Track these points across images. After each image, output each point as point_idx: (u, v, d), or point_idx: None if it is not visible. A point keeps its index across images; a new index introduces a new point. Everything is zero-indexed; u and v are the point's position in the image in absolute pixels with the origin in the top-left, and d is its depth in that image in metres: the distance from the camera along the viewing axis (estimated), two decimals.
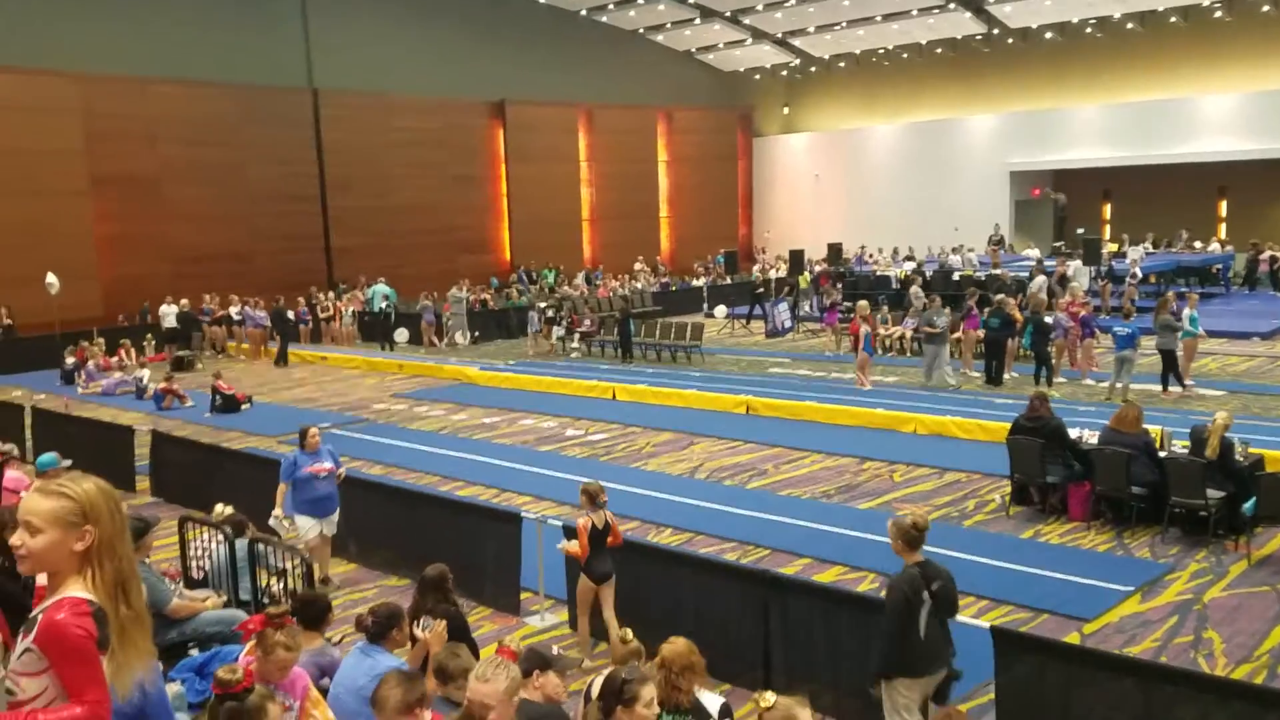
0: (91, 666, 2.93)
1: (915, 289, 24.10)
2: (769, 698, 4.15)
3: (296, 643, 4.77)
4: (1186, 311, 16.85)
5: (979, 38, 36.72)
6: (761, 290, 28.62)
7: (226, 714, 3.55)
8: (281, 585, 7.43)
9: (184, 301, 26.12)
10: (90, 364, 22.25)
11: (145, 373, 20.73)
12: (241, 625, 5.09)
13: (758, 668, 7.15)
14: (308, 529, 9.18)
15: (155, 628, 3.53)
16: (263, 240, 30.32)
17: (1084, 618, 8.16)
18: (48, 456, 9.08)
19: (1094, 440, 10.79)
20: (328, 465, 9.28)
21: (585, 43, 38.05)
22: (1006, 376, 18.13)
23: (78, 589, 2.95)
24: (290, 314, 25.65)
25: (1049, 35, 35.47)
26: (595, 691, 4.66)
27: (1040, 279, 22.72)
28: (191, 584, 7.82)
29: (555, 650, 6.01)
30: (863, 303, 19.95)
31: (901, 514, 5.97)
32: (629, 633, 5.35)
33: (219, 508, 8.15)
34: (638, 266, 35.75)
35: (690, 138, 40.91)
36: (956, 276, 26.70)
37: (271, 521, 9.22)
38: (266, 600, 7.20)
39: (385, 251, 32.52)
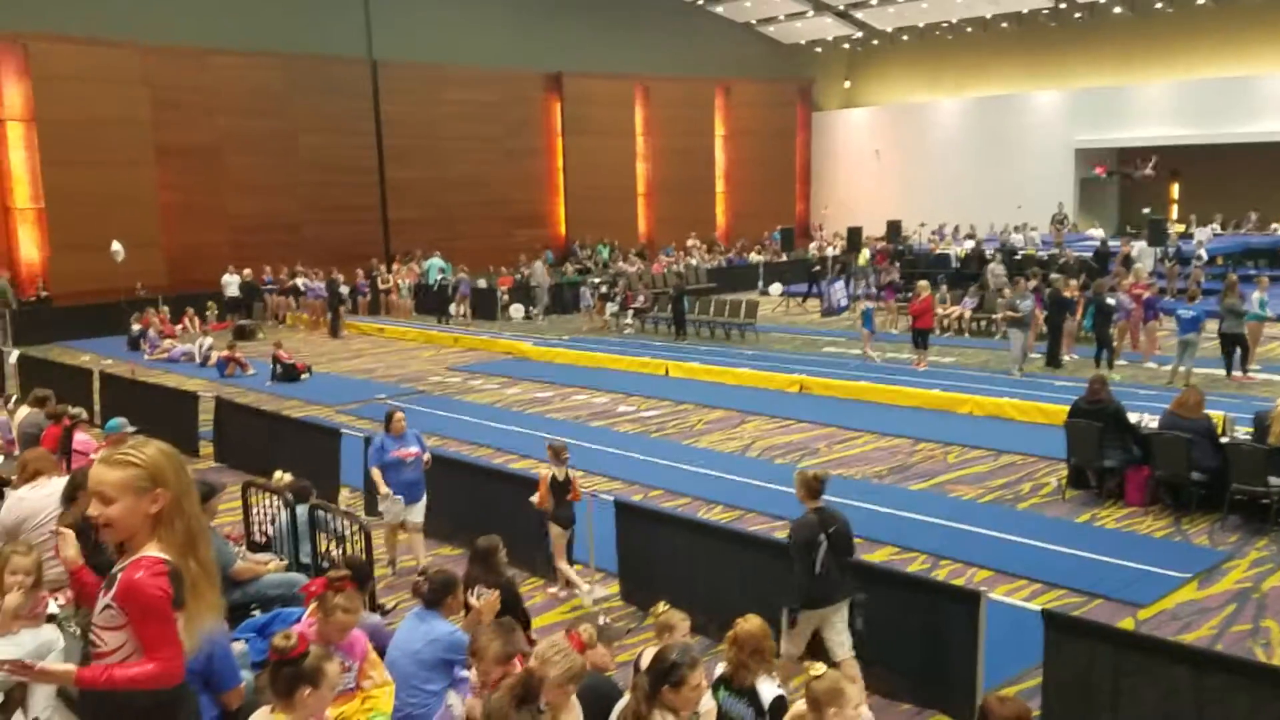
0: (166, 625, 3.06)
1: (995, 266, 23.76)
2: (818, 667, 4.20)
3: (355, 605, 4.91)
4: (1255, 295, 16.46)
5: (1045, 12, 35.90)
6: (818, 268, 28.49)
7: (286, 678, 3.66)
8: (340, 551, 7.60)
9: (246, 272, 26.59)
10: (152, 331, 22.78)
11: (209, 340, 21.17)
12: (304, 588, 5.24)
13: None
14: (394, 511, 8.95)
15: (220, 587, 3.65)
16: (319, 211, 30.72)
17: (1139, 603, 8.08)
18: (115, 421, 9.36)
19: (1154, 424, 10.62)
20: (414, 449, 8.98)
21: (643, 14, 37.85)
22: (1066, 358, 17.87)
23: (153, 549, 3.08)
24: (344, 286, 25.97)
25: (1117, 10, 34.59)
26: (644, 663, 4.74)
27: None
28: (254, 548, 8.03)
29: (604, 620, 6.11)
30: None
31: (804, 466, 6.93)
32: (662, 605, 5.43)
33: (278, 474, 8.34)
34: (690, 243, 35.67)
35: (748, 111, 40.56)
36: (1019, 255, 26.32)
37: (383, 505, 8.95)
38: (326, 565, 7.38)
39: (441, 224, 32.82)
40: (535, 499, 8.54)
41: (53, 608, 5.51)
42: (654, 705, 4.22)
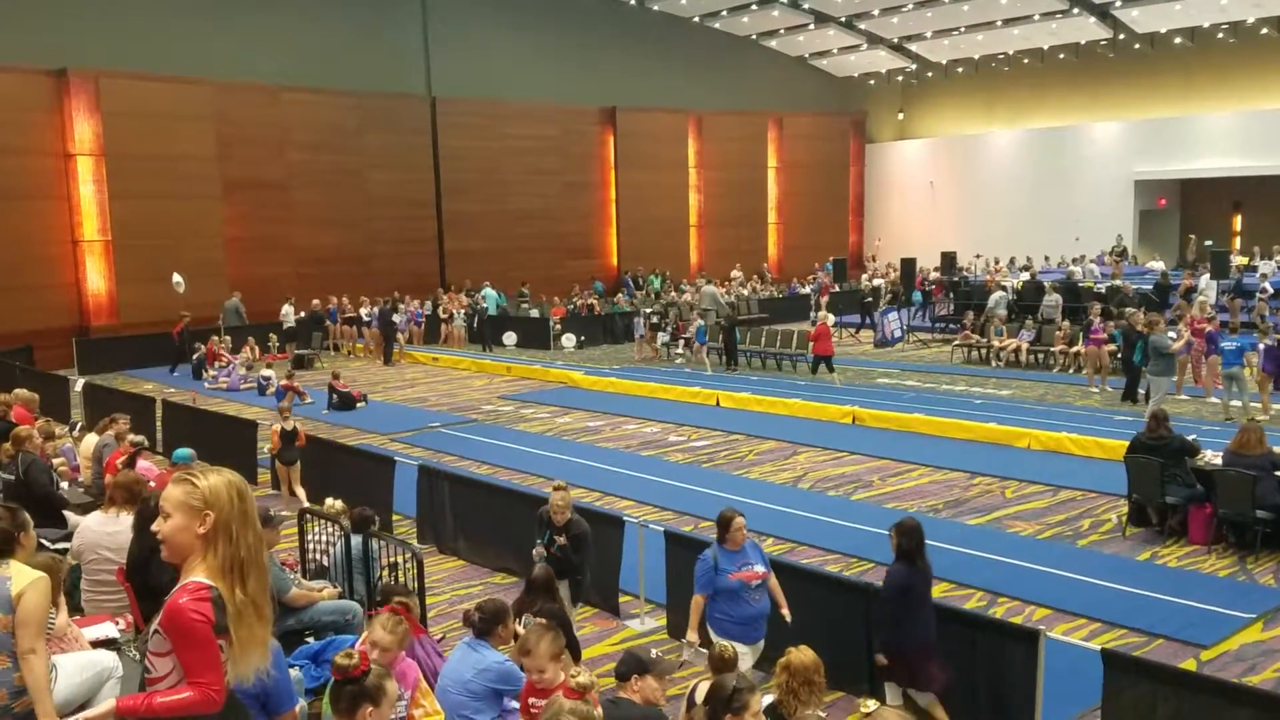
0: (206, 651, 3.09)
1: (1049, 298, 23.44)
2: (870, 704, 4.15)
3: (397, 631, 4.96)
4: None
5: (1104, 43, 35.56)
6: (869, 299, 28.37)
7: (349, 696, 3.71)
8: (393, 579, 7.67)
9: (315, 302, 27.10)
10: (233, 360, 23.25)
11: (271, 371, 21.54)
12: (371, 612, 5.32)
13: (863, 681, 7.10)
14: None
15: (275, 615, 3.71)
16: (380, 243, 31.27)
17: (1202, 644, 7.87)
18: (184, 451, 9.56)
19: (1216, 460, 10.38)
20: (760, 569, 6.65)
21: (697, 49, 38.17)
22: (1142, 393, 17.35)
23: (200, 574, 3.13)
24: (395, 316, 26.32)
25: (1178, 40, 34.15)
26: (699, 697, 4.73)
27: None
28: (310, 575, 8.14)
29: (654, 654, 6.09)
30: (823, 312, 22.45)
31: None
32: (727, 647, 5.40)
33: (329, 501, 8.46)
34: (735, 274, 35.60)
35: (801, 144, 40.60)
36: (1078, 288, 25.97)
37: (686, 654, 6.79)
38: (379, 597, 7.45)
39: (496, 255, 33.21)
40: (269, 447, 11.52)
41: (113, 632, 5.64)
42: None
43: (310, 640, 6.26)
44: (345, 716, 3.73)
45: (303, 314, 26.74)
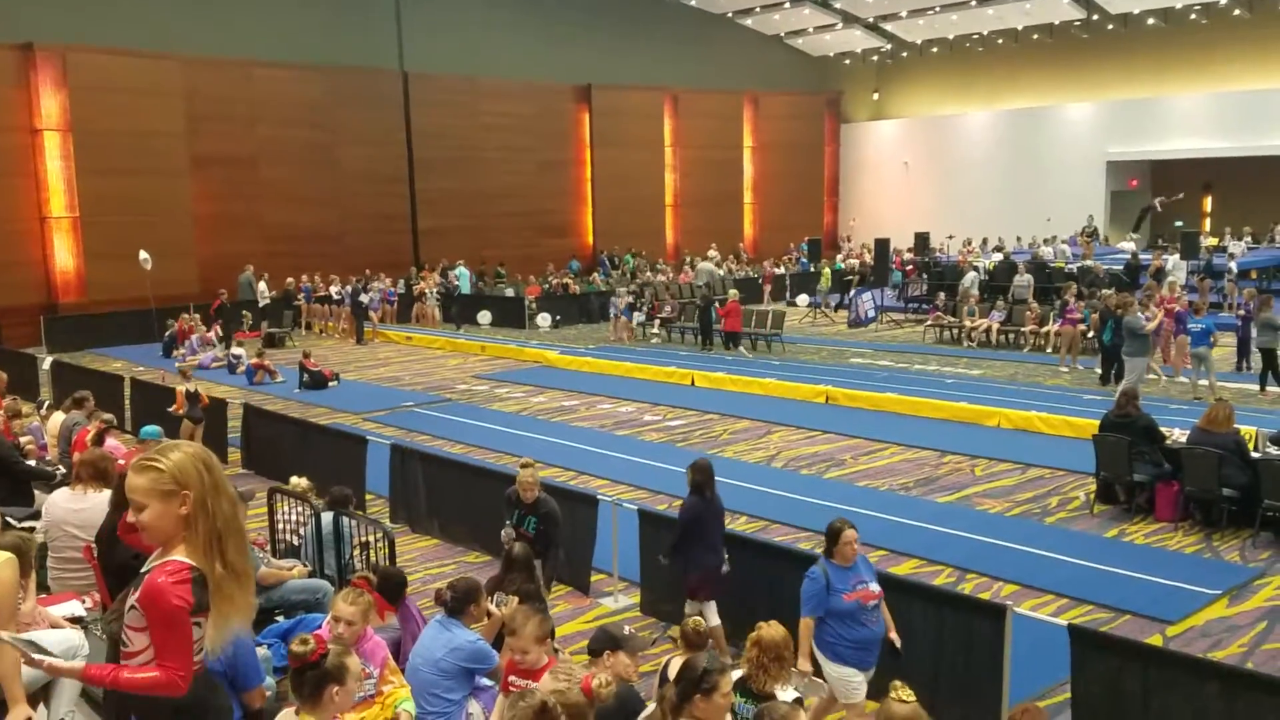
0: (179, 635, 3.07)
1: (1020, 279, 23.58)
2: (907, 693, 4.17)
3: (360, 603, 5.00)
4: None
5: (1078, 23, 35.68)
6: (850, 278, 28.67)
7: (312, 681, 3.68)
8: (365, 557, 7.65)
9: (290, 281, 26.79)
10: (195, 337, 23.01)
11: (241, 350, 21.36)
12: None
13: None
14: (851, 685, 5.91)
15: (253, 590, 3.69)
16: (352, 220, 30.97)
17: (1168, 620, 7.98)
18: (151, 428, 9.47)
19: (1184, 439, 10.50)
20: (876, 588, 6.02)
21: (673, 26, 37.99)
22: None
23: (181, 553, 3.10)
24: (365, 296, 26.16)
25: (1151, 21, 34.32)
26: (672, 673, 4.73)
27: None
28: (281, 554, 8.10)
29: (628, 630, 6.11)
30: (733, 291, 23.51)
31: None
32: (694, 618, 5.43)
33: (294, 480, 8.43)
34: (711, 253, 35.64)
35: (777, 124, 40.56)
36: (1048, 269, 26.16)
37: (796, 683, 5.59)
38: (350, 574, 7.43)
39: (470, 234, 33.01)
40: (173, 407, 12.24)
41: (80, 610, 5.59)
42: (681, 715, 4.19)
43: (280, 619, 6.24)
44: (310, 701, 3.70)
45: (273, 293, 26.53)
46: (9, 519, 6.60)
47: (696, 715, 4.18)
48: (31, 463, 9.39)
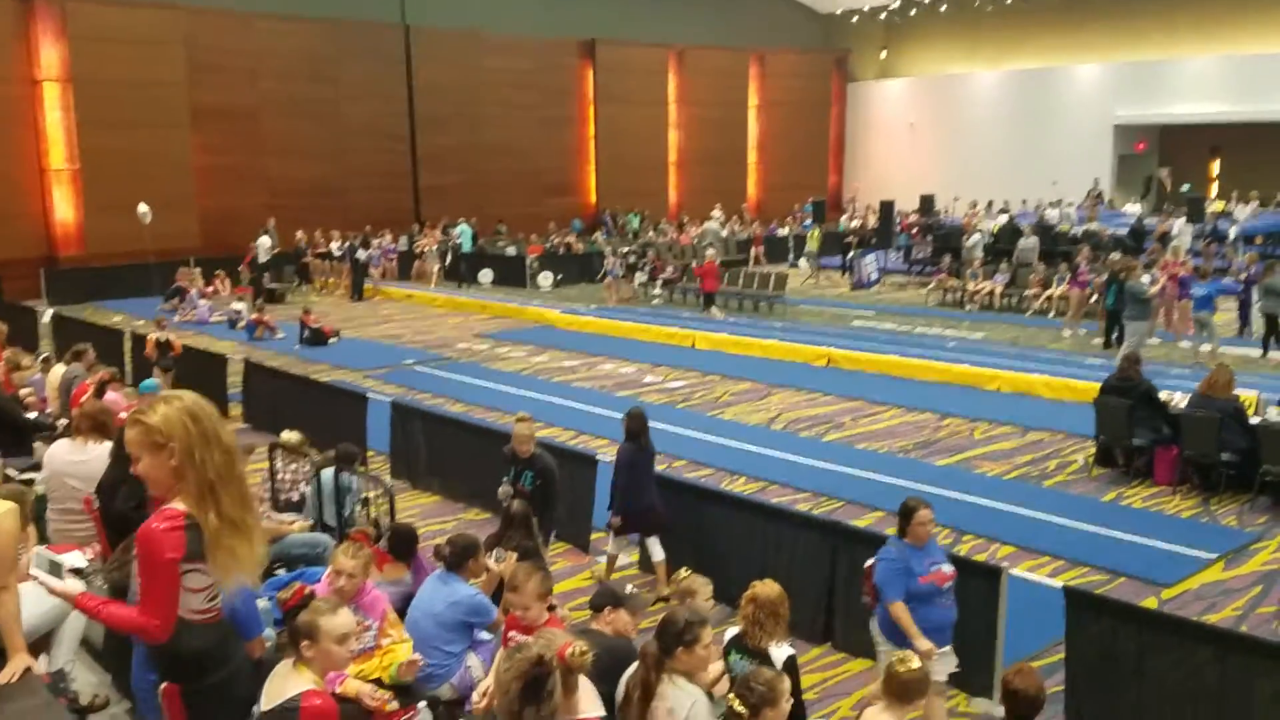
0: (160, 584, 3.09)
1: (1025, 241, 23.38)
2: (913, 659, 4.21)
3: (360, 557, 5.03)
4: None
5: None
6: (849, 239, 28.42)
7: (290, 631, 3.74)
8: (365, 513, 7.68)
9: (299, 235, 26.74)
10: (193, 291, 22.97)
11: (243, 305, 21.33)
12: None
13: (820, 616, 7.20)
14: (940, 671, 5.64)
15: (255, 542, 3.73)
16: (354, 176, 30.72)
17: (1163, 583, 8.02)
18: (150, 381, 9.49)
19: (1184, 404, 10.50)
20: (949, 569, 5.82)
21: None
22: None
23: (176, 502, 3.12)
24: (362, 253, 26.05)
25: None
26: None
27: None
28: (286, 508, 8.14)
29: (629, 589, 6.16)
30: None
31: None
32: (684, 571, 5.46)
33: (286, 434, 8.45)
34: (714, 214, 35.42)
35: (782, 82, 40.13)
36: (1053, 232, 26.03)
37: (921, 662, 4.68)
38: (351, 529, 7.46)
39: (472, 191, 32.77)
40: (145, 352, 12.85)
41: (80, 562, 5.63)
42: (663, 670, 4.23)
43: (281, 572, 6.27)
44: (299, 654, 3.78)
45: (276, 249, 26.41)
46: (9, 471, 6.63)
47: (678, 668, 4.23)
48: (33, 415, 9.42)
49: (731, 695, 3.97)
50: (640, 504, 7.95)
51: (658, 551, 7.98)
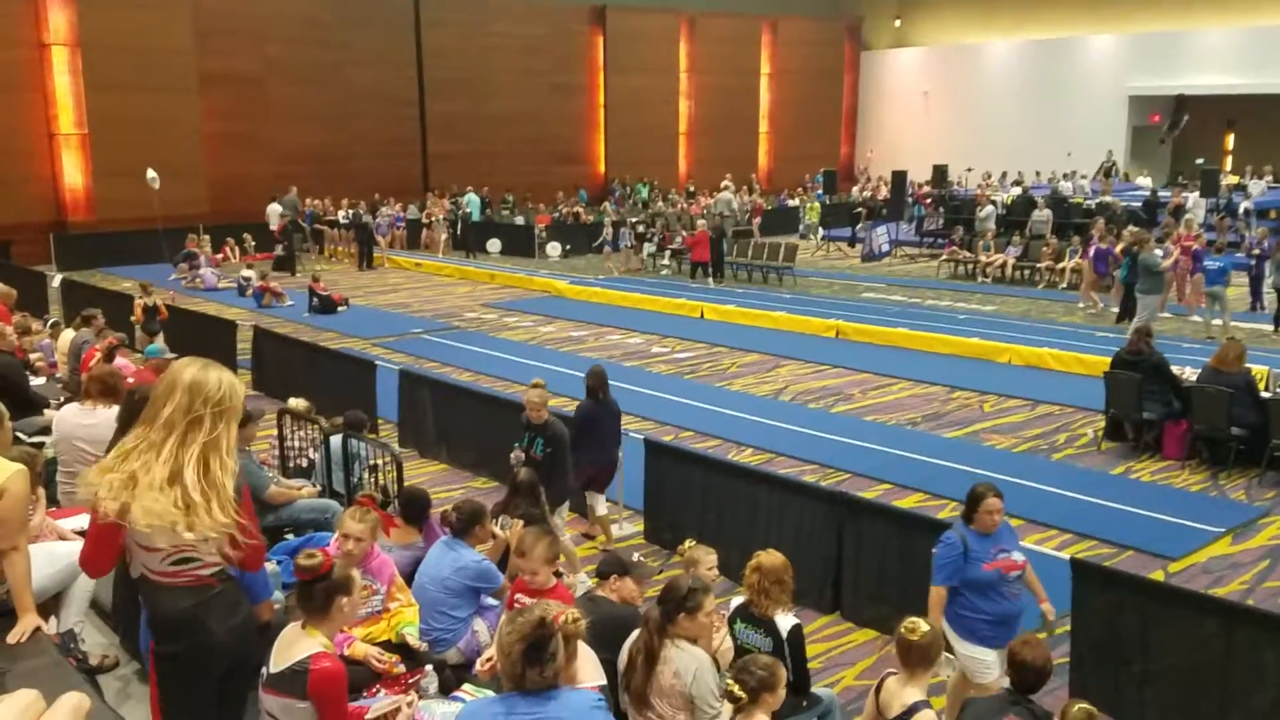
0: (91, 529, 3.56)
1: (1038, 214, 23.22)
2: (922, 625, 4.21)
3: (367, 520, 5.05)
4: None
5: None
6: (859, 211, 28.27)
7: (323, 592, 3.73)
8: (373, 479, 7.70)
9: (315, 203, 26.75)
10: (202, 259, 22.95)
11: (252, 272, 21.33)
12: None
13: (828, 587, 7.22)
14: (984, 665, 5.36)
15: (256, 511, 3.78)
16: (362, 143, 30.58)
17: (1170, 557, 8.01)
18: (154, 346, 9.51)
19: (1194, 378, 10.45)
20: (1020, 558, 5.46)
21: None
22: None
23: None
24: (368, 218, 25.98)
25: None
26: None
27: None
28: (294, 474, 8.16)
29: (636, 558, 6.18)
30: None
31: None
32: (689, 541, 5.47)
33: (293, 401, 8.47)
34: (724, 184, 35.24)
35: (795, 50, 39.77)
36: (1066, 204, 25.86)
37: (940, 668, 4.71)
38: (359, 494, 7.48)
39: (480, 159, 32.60)
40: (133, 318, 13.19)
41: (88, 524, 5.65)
42: (666, 635, 4.26)
43: (289, 537, 6.30)
44: (320, 613, 3.75)
45: (288, 217, 26.35)
46: (19, 434, 6.65)
47: (681, 634, 4.26)
48: (41, 380, 9.45)
49: (730, 680, 4.00)
50: (601, 459, 8.15)
51: (601, 506, 8.26)
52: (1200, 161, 29.52)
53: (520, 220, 29.24)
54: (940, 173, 31.58)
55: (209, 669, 3.52)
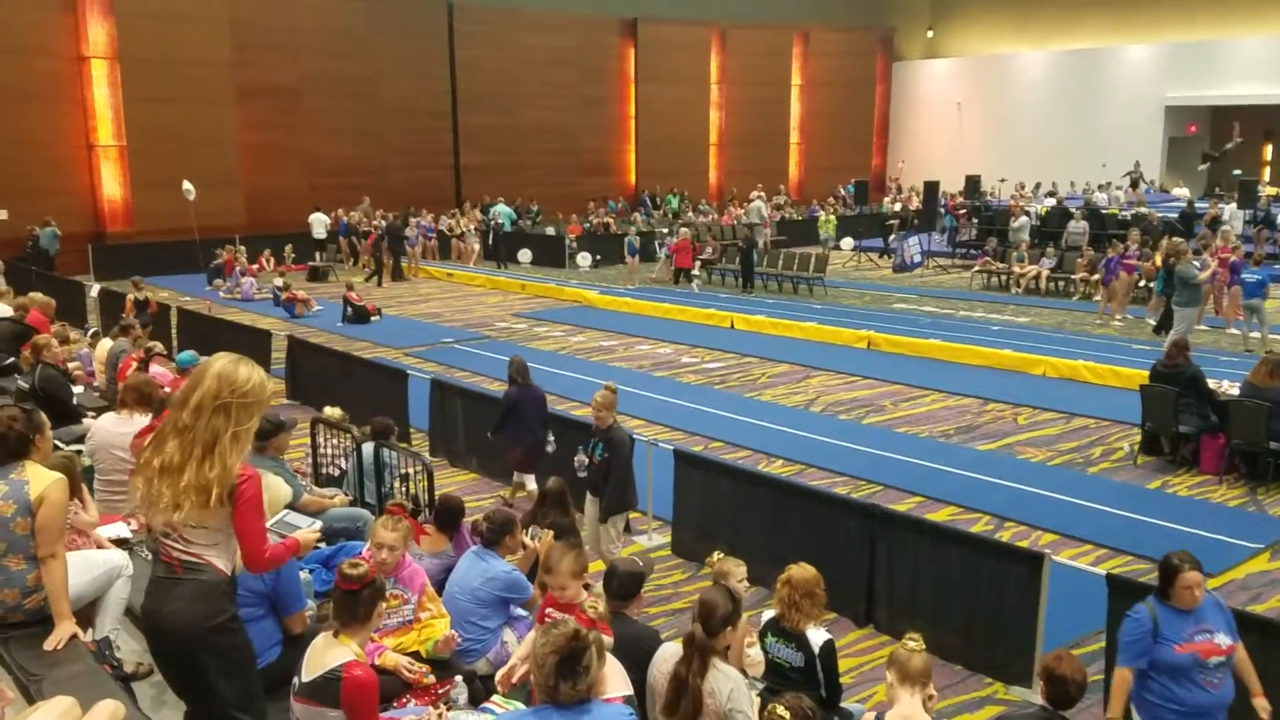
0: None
1: (1074, 224, 22.97)
2: (919, 641, 4.17)
3: (400, 529, 5.06)
4: None
5: None
6: (892, 222, 28.13)
7: (368, 599, 3.79)
8: (405, 489, 7.73)
9: (348, 212, 26.98)
10: (238, 269, 23.18)
11: (282, 282, 21.52)
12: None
13: (860, 600, 7.17)
14: None
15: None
16: (395, 155, 30.90)
17: (1208, 573, 7.82)
18: (187, 354, 9.61)
19: (1233, 391, 10.30)
20: (1225, 641, 4.71)
21: None
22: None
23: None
24: (407, 231, 26.13)
25: None
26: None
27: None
28: (326, 482, 8.21)
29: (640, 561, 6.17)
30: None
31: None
32: (717, 554, 5.44)
33: (328, 410, 8.53)
34: (755, 194, 35.13)
35: (827, 61, 39.70)
36: (1102, 214, 25.60)
37: None
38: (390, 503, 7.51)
39: (512, 171, 32.82)
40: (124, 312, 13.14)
41: (125, 532, 5.71)
42: (714, 654, 4.16)
43: (321, 545, 6.32)
44: (360, 621, 3.80)
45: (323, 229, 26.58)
46: (57, 442, 6.73)
47: (717, 649, 4.23)
48: (79, 389, 9.56)
49: (779, 707, 3.82)
50: (527, 439, 9.02)
51: (530, 484, 9.17)
52: (1238, 173, 29.16)
53: (551, 231, 29.34)
54: (973, 183, 31.39)
55: (158, 646, 3.72)
